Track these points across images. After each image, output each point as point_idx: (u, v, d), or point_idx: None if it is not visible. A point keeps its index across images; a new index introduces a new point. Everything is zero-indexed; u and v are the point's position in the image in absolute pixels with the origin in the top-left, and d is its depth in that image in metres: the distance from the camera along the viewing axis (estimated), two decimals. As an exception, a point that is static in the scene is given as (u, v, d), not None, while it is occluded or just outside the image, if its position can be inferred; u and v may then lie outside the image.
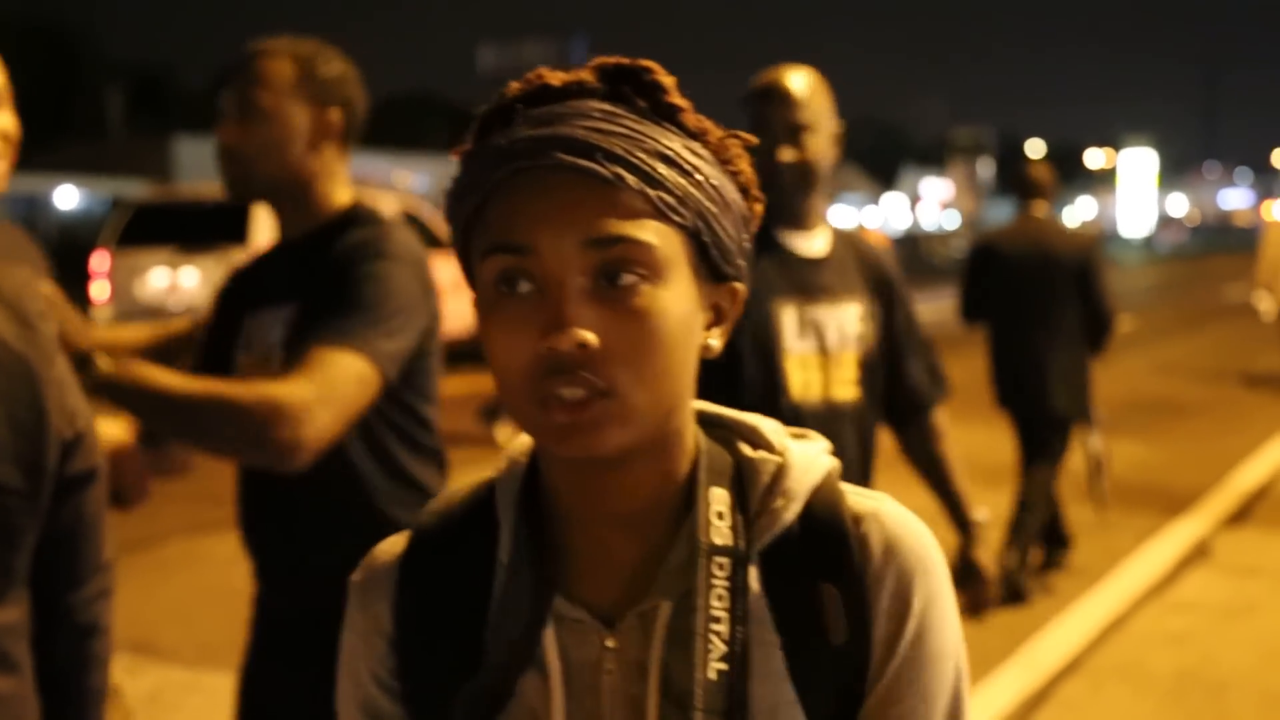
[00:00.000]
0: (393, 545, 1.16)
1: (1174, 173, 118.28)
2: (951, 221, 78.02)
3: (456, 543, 1.13)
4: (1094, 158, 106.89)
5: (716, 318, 1.08)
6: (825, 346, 2.74)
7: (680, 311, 1.01)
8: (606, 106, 1.02)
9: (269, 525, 2.42)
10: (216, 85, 2.39)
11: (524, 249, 0.98)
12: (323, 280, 2.26)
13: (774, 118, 2.74)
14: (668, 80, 1.04)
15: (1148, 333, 19.71)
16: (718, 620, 1.02)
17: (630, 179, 0.98)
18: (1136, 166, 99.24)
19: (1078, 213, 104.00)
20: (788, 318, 2.72)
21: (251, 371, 2.33)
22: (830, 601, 1.05)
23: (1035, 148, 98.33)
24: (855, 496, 1.10)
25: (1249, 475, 8.53)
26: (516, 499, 1.11)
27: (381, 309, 2.22)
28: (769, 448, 1.10)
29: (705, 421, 1.13)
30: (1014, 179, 6.69)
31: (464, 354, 9.10)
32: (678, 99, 1.05)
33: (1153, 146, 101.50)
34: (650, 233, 0.99)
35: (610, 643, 1.05)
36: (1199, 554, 6.71)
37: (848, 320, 2.78)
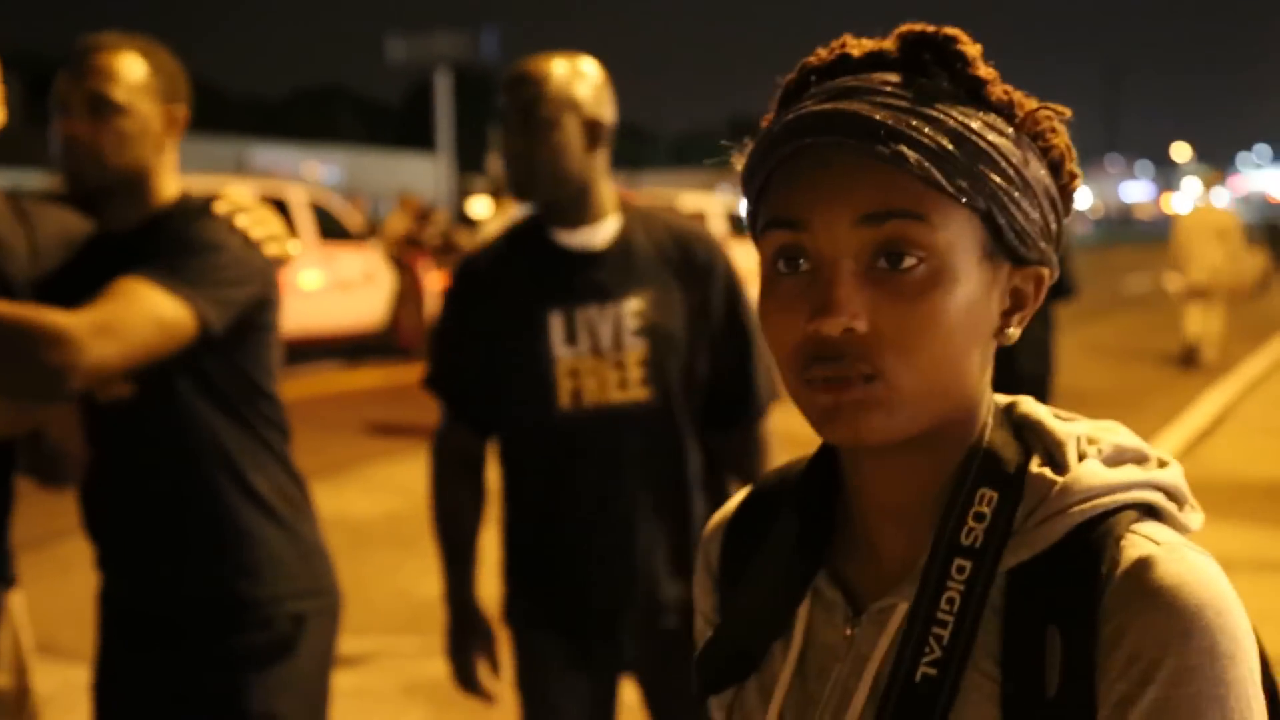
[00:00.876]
0: (741, 493, 1.21)
1: (1078, 165, 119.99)
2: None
3: (781, 501, 1.13)
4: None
5: (1015, 303, 1.02)
6: (599, 348, 2.56)
7: (963, 298, 0.95)
8: (899, 80, 0.97)
9: (110, 513, 2.43)
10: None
11: (798, 224, 0.96)
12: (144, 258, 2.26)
13: (505, 109, 2.60)
14: (972, 50, 0.99)
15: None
16: (942, 624, 0.96)
17: (912, 157, 0.93)
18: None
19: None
20: (554, 323, 2.55)
21: None
22: (1050, 645, 0.94)
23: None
24: (1139, 539, 0.95)
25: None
26: (810, 471, 1.11)
27: (208, 261, 2.25)
28: (1061, 466, 1.00)
29: (1020, 423, 1.05)
30: None
31: (372, 348, 9.05)
32: (982, 70, 0.99)
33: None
34: (932, 213, 0.94)
35: (850, 631, 1.03)
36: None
37: (625, 317, 2.58)
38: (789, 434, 2.11)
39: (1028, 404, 1.07)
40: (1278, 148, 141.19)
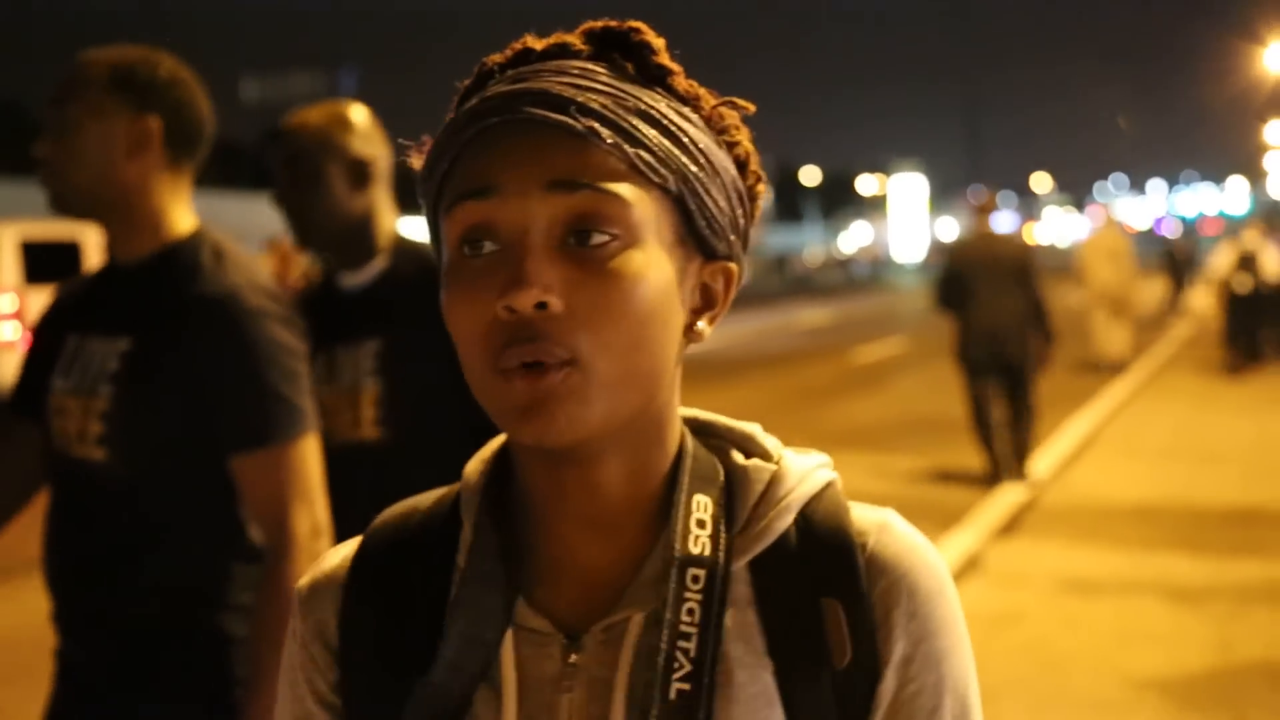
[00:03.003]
0: (345, 549, 1.07)
1: (942, 197, 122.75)
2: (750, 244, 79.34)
3: (414, 547, 1.04)
4: (866, 183, 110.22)
5: (706, 300, 1.00)
6: (341, 387, 2.62)
7: (658, 280, 0.92)
8: (587, 65, 0.95)
9: (77, 570, 2.24)
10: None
11: (487, 190, 0.91)
12: (176, 319, 2.15)
13: (272, 165, 2.71)
14: (657, 42, 0.98)
15: (920, 355, 20.36)
16: (686, 637, 0.93)
17: (605, 133, 0.91)
18: (907, 191, 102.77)
19: (853, 238, 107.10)
20: (319, 359, 2.57)
21: (66, 402, 2.19)
22: (832, 618, 0.96)
23: (810, 174, 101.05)
24: (860, 510, 1.01)
25: (1017, 488, 8.85)
26: (481, 498, 1.02)
27: (295, 372, 2.19)
28: (764, 456, 1.02)
29: (697, 429, 1.04)
30: (787, 205, 7.17)
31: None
32: (667, 61, 0.98)
33: (921, 171, 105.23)
34: (625, 190, 0.91)
35: (574, 658, 0.96)
36: (971, 566, 6.94)
37: (363, 357, 2.64)
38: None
39: (690, 410, 1.06)
40: (1134, 176, 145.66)
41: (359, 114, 2.74)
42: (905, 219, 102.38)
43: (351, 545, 1.08)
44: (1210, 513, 8.19)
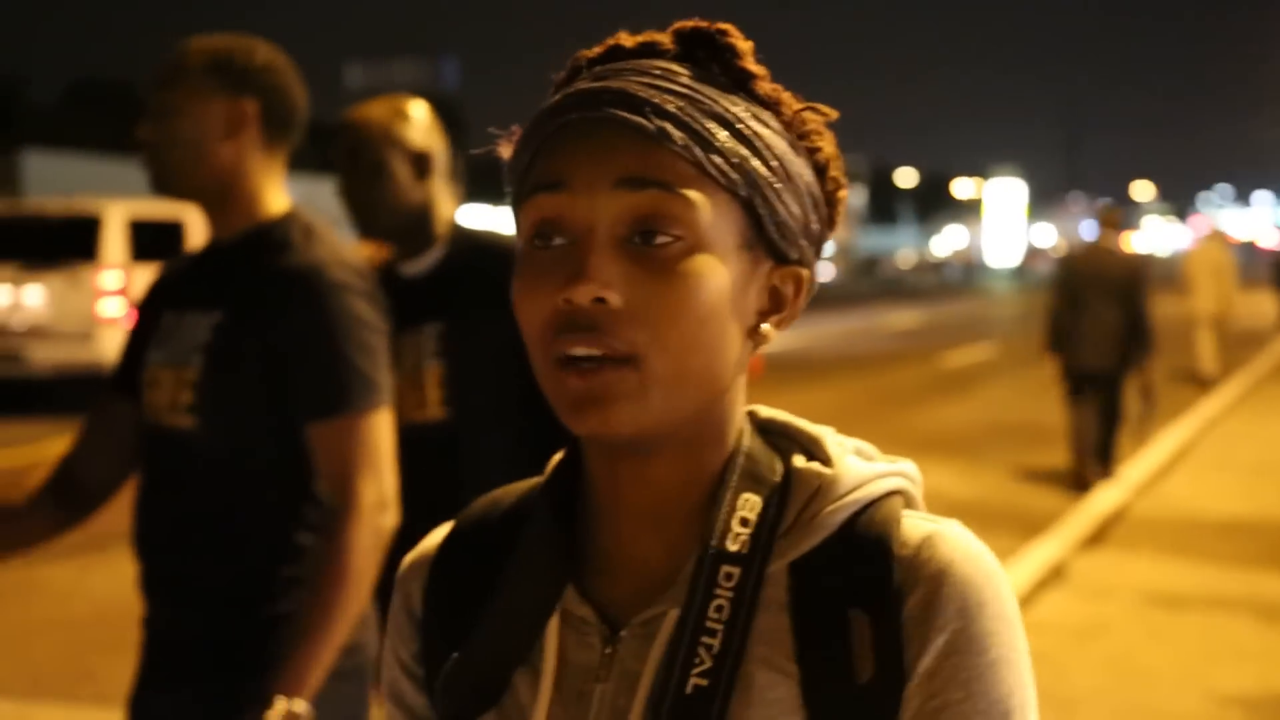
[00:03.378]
0: (444, 529, 1.12)
1: (1040, 203, 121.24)
2: (825, 250, 78.86)
3: (497, 531, 1.08)
4: (963, 187, 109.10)
5: (774, 304, 1.00)
6: (405, 369, 2.69)
7: (721, 283, 0.93)
8: (669, 65, 0.96)
9: (164, 535, 2.32)
10: (68, 100, 2.35)
11: (558, 185, 0.93)
12: (265, 291, 2.25)
13: (335, 157, 2.80)
14: (744, 45, 0.99)
15: (1011, 360, 20.14)
16: (712, 633, 0.93)
17: (677, 135, 0.92)
18: (1004, 196, 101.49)
19: (946, 241, 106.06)
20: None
21: (160, 374, 2.28)
22: (859, 631, 0.94)
23: (906, 176, 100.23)
24: (916, 519, 0.98)
25: (1105, 498, 8.75)
26: (548, 487, 1.05)
27: (371, 345, 2.26)
28: (825, 460, 1.01)
29: (768, 430, 1.05)
30: (882, 207, 7.19)
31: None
32: (751, 65, 0.98)
33: (1019, 176, 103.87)
34: (692, 191, 0.92)
35: (610, 649, 0.98)
36: (1055, 575, 6.87)
37: (425, 340, 2.74)
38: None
39: (766, 409, 1.06)
40: (1239, 186, 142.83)
41: (419, 109, 2.86)
42: (1001, 224, 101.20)
43: (448, 525, 1.12)
44: (1304, 531, 8.03)
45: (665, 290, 0.91)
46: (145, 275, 15.57)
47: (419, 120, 2.83)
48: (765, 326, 0.99)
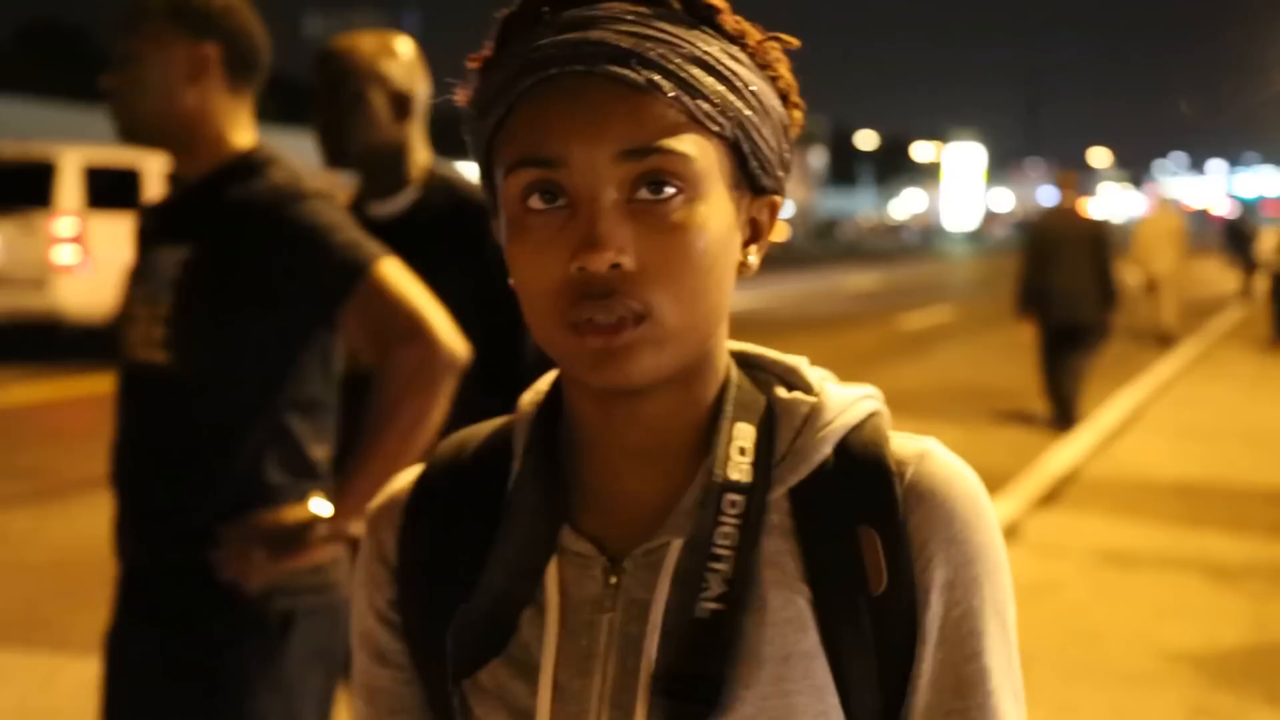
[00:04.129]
0: (409, 473, 1.12)
1: (998, 168, 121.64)
2: (785, 211, 78.84)
3: (470, 474, 1.08)
4: (922, 150, 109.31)
5: (753, 233, 1.02)
6: None
7: (719, 227, 0.95)
8: (640, 8, 0.95)
9: (139, 471, 2.33)
10: (19, 44, 2.34)
11: (554, 161, 0.92)
12: (227, 224, 2.26)
13: (315, 84, 2.77)
14: None
15: (966, 323, 20.28)
16: (720, 559, 0.95)
17: (667, 86, 0.92)
18: (963, 160, 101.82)
19: (905, 204, 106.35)
20: None
21: (136, 310, 2.31)
22: (869, 546, 0.97)
23: (866, 139, 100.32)
24: (902, 439, 1.02)
25: (1059, 459, 8.84)
26: (531, 428, 1.05)
27: (341, 222, 2.27)
28: (806, 389, 1.04)
29: (742, 362, 1.07)
30: (841, 169, 7.33)
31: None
32: None
33: (978, 141, 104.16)
34: (688, 143, 0.93)
35: (614, 580, 0.99)
36: (1009, 535, 6.94)
37: None
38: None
39: (736, 343, 1.08)
40: (1194, 155, 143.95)
41: (406, 47, 2.84)
42: (959, 188, 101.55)
43: (415, 471, 1.12)
44: (1253, 493, 8.15)
45: (674, 246, 0.92)
46: (102, 222, 15.34)
47: (405, 59, 2.81)
48: (750, 258, 1.02)
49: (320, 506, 2.21)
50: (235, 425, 2.26)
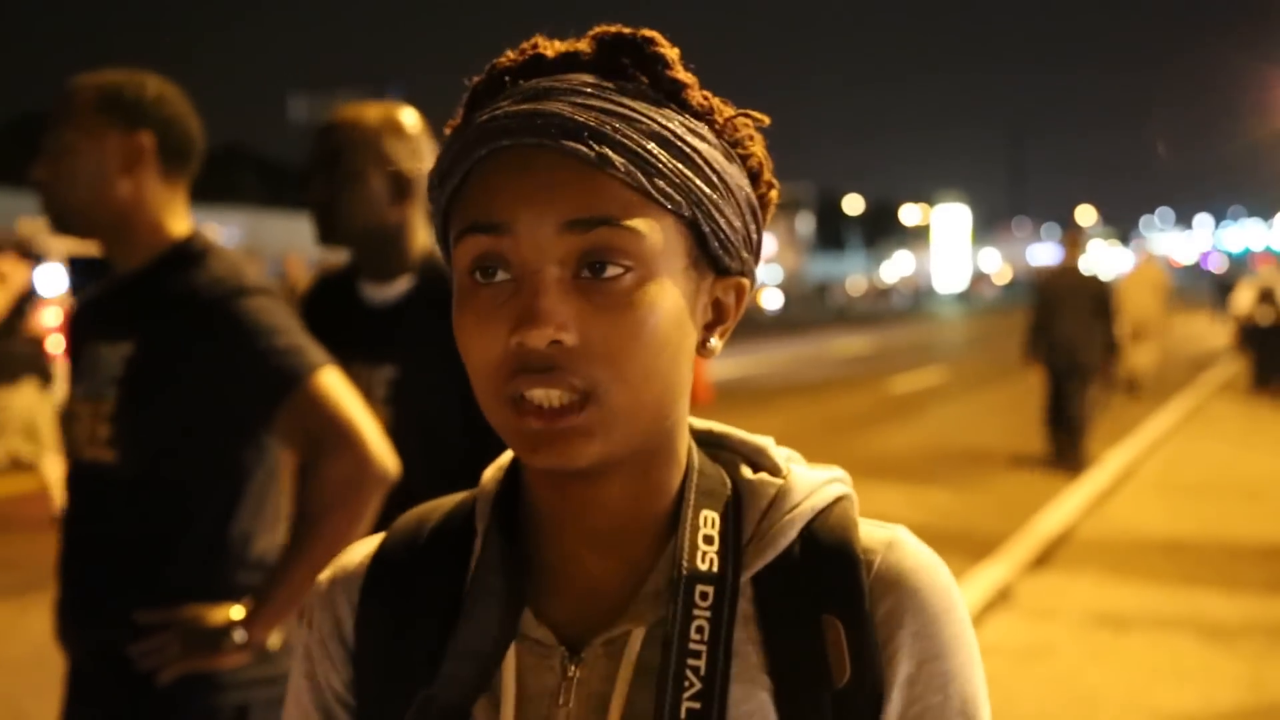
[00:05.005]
0: (366, 545, 1.09)
1: (985, 229, 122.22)
2: (773, 276, 79.21)
3: (428, 552, 1.04)
4: (910, 213, 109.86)
5: (718, 315, 0.99)
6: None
7: (670, 308, 0.92)
8: (604, 82, 0.93)
9: (84, 564, 2.29)
10: (8, 136, 2.32)
11: (500, 227, 0.90)
12: (169, 319, 2.22)
13: (313, 156, 2.65)
14: (671, 53, 0.96)
15: (959, 385, 20.26)
16: (696, 655, 0.92)
17: (618, 161, 0.90)
18: (950, 222, 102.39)
19: (895, 267, 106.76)
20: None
21: (78, 408, 2.27)
22: (833, 636, 0.94)
23: (853, 203, 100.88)
24: (869, 526, 1.00)
25: (1050, 521, 8.78)
26: (493, 509, 1.02)
27: (284, 325, 2.23)
28: (773, 470, 1.02)
29: (706, 442, 1.05)
30: (830, 234, 7.61)
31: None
32: (681, 74, 0.96)
33: (964, 202, 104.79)
34: (638, 220, 0.90)
35: (573, 671, 0.96)
36: (1001, 598, 6.88)
37: (376, 382, 2.57)
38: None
39: (701, 421, 1.05)
40: (1180, 211, 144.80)
41: (413, 122, 2.69)
42: (948, 249, 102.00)
43: (371, 544, 1.09)
44: (1247, 550, 8.09)
45: (619, 324, 0.89)
46: (84, 311, 15.29)
47: (412, 136, 2.66)
48: (713, 341, 0.99)
49: (240, 613, 2.17)
50: (179, 522, 2.23)
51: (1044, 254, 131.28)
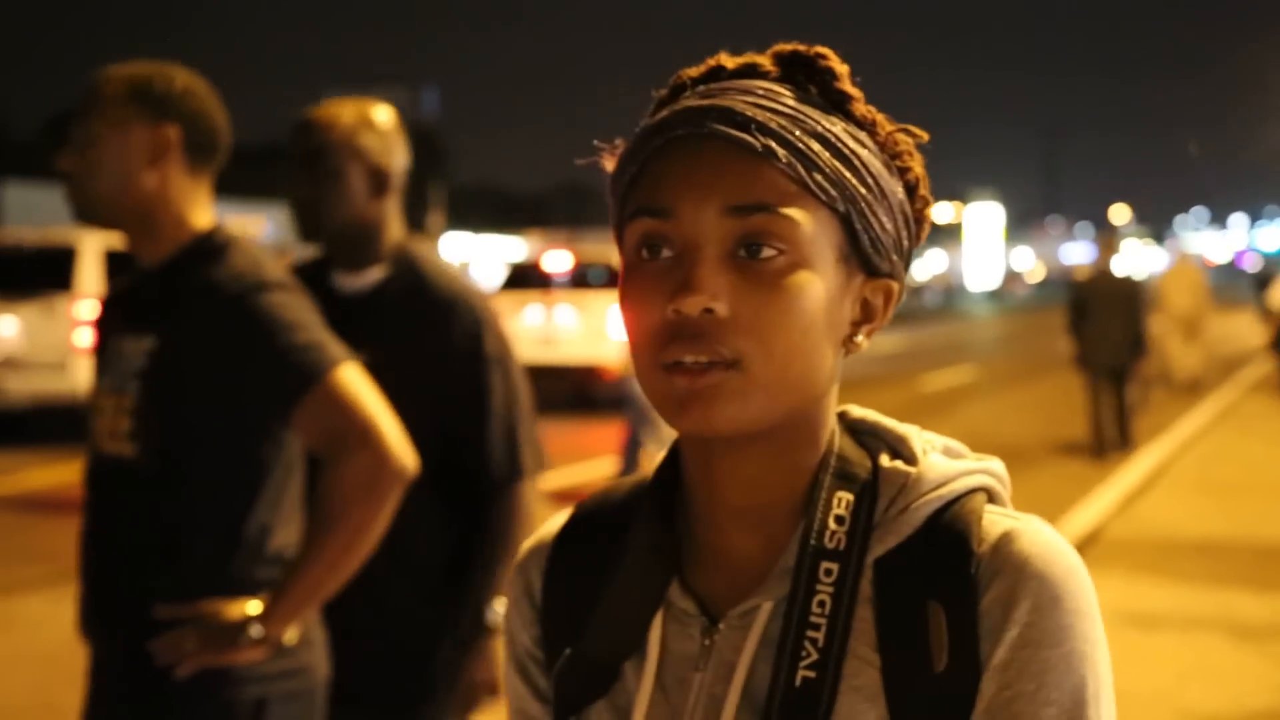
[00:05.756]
0: (562, 516, 1.17)
1: (1019, 227, 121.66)
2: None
3: (608, 525, 1.12)
4: (942, 211, 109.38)
5: (865, 315, 1.05)
6: None
7: (819, 294, 0.98)
8: (772, 86, 1.01)
9: (106, 561, 2.31)
10: (47, 132, 2.33)
11: (665, 212, 0.98)
12: (190, 313, 2.24)
13: (291, 155, 2.69)
14: (840, 68, 1.03)
15: (991, 383, 20.20)
16: (816, 626, 0.97)
17: (781, 153, 0.97)
18: (983, 220, 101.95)
19: (927, 265, 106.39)
20: None
21: (102, 401, 2.29)
22: (935, 623, 0.97)
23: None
24: (997, 515, 1.01)
25: (1081, 519, 8.76)
26: (653, 487, 1.09)
27: (304, 321, 2.24)
28: (910, 459, 1.05)
29: (855, 428, 1.09)
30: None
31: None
32: (848, 87, 1.03)
33: (997, 200, 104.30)
34: (796, 209, 0.97)
35: (709, 639, 1.03)
36: (1030, 597, 6.86)
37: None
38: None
39: (857, 409, 1.10)
40: (1216, 210, 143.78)
41: (386, 117, 2.76)
42: (980, 247, 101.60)
43: (566, 513, 1.17)
44: (1277, 550, 8.05)
45: (769, 301, 0.95)
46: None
47: (385, 132, 2.73)
48: (859, 337, 1.04)
49: (257, 608, 2.18)
50: (198, 516, 2.24)
51: (1078, 253, 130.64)
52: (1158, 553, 7.96)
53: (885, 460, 1.05)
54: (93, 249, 13.89)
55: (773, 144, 0.97)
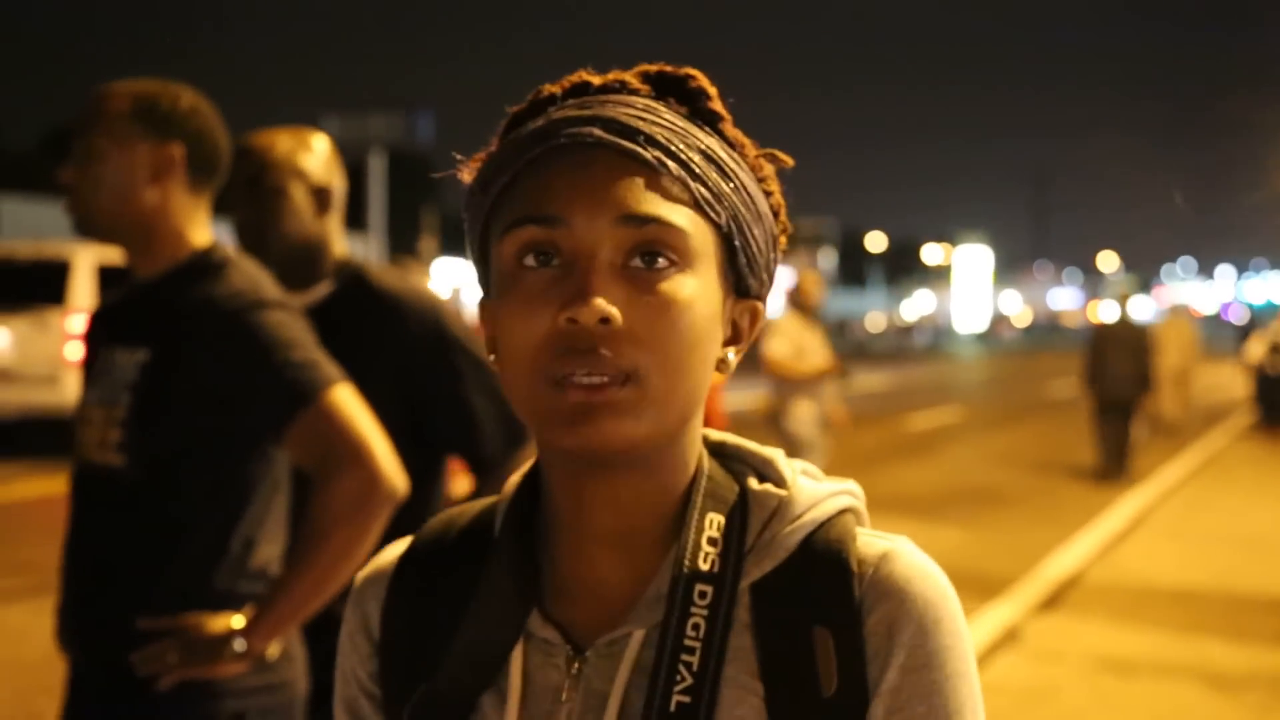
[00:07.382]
0: (398, 547, 1.13)
1: (1007, 270, 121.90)
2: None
3: (453, 553, 1.09)
4: (932, 253, 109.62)
5: (734, 335, 1.05)
6: None
7: (706, 309, 0.98)
8: (649, 102, 1.01)
9: (87, 572, 2.32)
10: (44, 146, 2.36)
11: (555, 220, 0.95)
12: (185, 329, 2.26)
13: (232, 182, 2.67)
14: (711, 89, 1.03)
15: (975, 425, 20.26)
16: (690, 651, 0.96)
17: (672, 165, 0.97)
18: (972, 263, 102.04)
19: (915, 305, 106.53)
20: None
21: (91, 412, 2.30)
22: (822, 647, 0.97)
23: (876, 240, 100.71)
24: (870, 537, 1.02)
25: (1060, 563, 8.81)
26: (509, 512, 1.07)
27: (301, 340, 2.27)
28: (779, 482, 1.05)
29: (720, 453, 1.08)
30: (851, 270, 7.91)
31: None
32: (719, 107, 1.03)
33: (986, 243, 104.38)
34: (686, 220, 0.96)
35: (576, 669, 1.00)
36: (1008, 638, 6.92)
37: None
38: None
39: (715, 433, 1.10)
40: (1202, 261, 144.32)
41: (322, 143, 2.85)
42: (968, 289, 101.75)
43: (403, 544, 1.14)
44: (1255, 600, 8.10)
45: (663, 313, 0.95)
46: (112, 320, 15.31)
47: (321, 154, 2.81)
48: (730, 355, 1.04)
49: (241, 622, 2.20)
50: (182, 530, 2.25)
51: (1065, 298, 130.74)
52: (1136, 599, 8.02)
53: (754, 483, 1.05)
54: (86, 263, 13.88)
55: (662, 156, 0.97)
